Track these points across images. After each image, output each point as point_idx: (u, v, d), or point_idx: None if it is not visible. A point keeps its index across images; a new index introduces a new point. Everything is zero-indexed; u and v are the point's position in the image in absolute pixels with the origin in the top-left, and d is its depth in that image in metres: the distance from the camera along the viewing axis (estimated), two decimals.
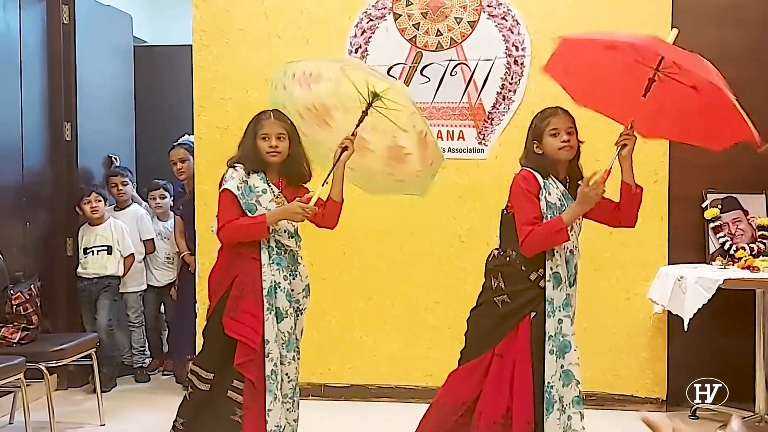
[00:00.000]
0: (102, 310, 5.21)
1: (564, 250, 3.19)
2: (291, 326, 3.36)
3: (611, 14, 4.67)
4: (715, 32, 4.67)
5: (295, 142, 3.41)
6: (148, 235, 5.53)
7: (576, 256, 3.25)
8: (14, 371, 3.86)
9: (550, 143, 3.18)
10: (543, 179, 3.19)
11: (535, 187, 3.16)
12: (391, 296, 4.86)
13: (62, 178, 5.24)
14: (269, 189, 3.37)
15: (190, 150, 5.28)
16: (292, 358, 3.39)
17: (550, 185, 3.19)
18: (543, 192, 3.16)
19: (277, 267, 3.34)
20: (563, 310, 3.17)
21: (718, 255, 4.50)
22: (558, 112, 3.22)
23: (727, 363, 4.53)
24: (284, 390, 3.36)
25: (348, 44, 4.84)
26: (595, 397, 4.70)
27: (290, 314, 3.36)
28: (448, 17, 4.79)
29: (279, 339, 3.33)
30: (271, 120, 3.38)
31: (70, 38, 5.23)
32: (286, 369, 3.37)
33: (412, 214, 4.77)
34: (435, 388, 4.64)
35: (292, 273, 3.42)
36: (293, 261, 3.43)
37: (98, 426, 4.47)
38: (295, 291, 3.43)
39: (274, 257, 3.35)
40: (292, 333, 3.37)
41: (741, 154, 4.69)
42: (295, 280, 3.44)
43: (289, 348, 3.36)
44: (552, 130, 3.18)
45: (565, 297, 3.18)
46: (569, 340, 3.18)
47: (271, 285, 3.32)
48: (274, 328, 3.30)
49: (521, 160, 3.29)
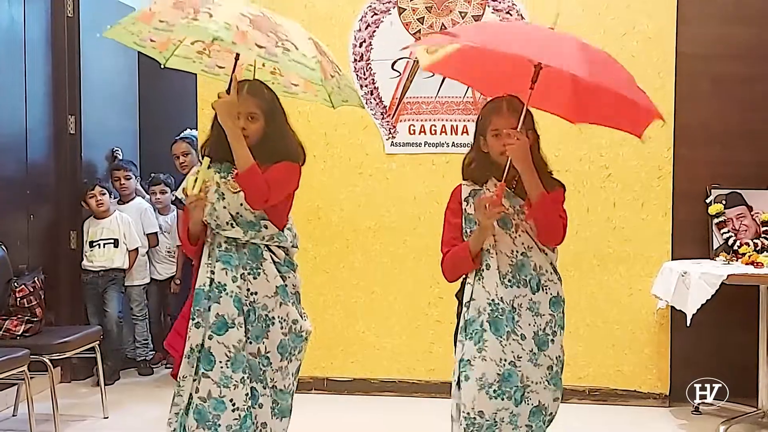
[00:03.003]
0: (111, 302, 5.23)
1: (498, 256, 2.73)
2: (239, 339, 2.73)
3: (616, 8, 4.65)
4: (720, 28, 4.66)
5: (271, 120, 2.81)
6: (151, 228, 5.55)
7: (532, 257, 2.75)
8: (18, 364, 3.86)
9: (492, 144, 2.73)
10: (476, 187, 2.79)
11: (456, 202, 2.80)
12: (394, 290, 4.86)
13: (66, 171, 5.24)
14: (222, 182, 2.83)
15: (193, 144, 5.31)
16: (240, 380, 2.71)
17: (484, 193, 2.76)
18: (465, 206, 2.77)
19: (224, 267, 2.76)
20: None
21: (722, 251, 4.49)
22: (502, 109, 2.71)
23: (730, 359, 4.53)
24: (224, 419, 2.71)
25: (352, 38, 4.84)
26: (598, 393, 4.70)
27: (240, 325, 2.73)
28: (452, 11, 4.78)
29: (219, 354, 2.72)
30: (243, 95, 2.77)
31: (74, 31, 5.23)
32: (230, 393, 2.71)
33: (415, 208, 4.77)
34: (437, 383, 4.68)
35: (251, 272, 2.80)
36: (254, 257, 2.80)
37: (102, 419, 4.48)
38: (259, 294, 2.79)
39: (221, 255, 2.78)
40: (240, 348, 2.72)
41: (745, 150, 4.72)
42: (257, 281, 2.79)
43: (235, 367, 2.71)
44: (493, 131, 2.71)
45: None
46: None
47: (204, 287, 2.77)
48: (197, 339, 2.75)
49: (465, 159, 2.86)
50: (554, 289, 2.77)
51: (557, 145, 4.64)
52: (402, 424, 4.41)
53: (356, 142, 4.87)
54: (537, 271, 2.74)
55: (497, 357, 2.64)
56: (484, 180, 2.78)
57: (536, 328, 2.71)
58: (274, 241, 2.84)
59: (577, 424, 4.39)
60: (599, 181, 4.69)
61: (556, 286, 2.78)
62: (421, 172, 4.79)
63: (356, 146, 4.87)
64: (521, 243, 2.73)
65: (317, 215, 4.86)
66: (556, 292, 2.77)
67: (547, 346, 2.73)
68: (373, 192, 4.88)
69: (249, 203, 2.76)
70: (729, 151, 4.69)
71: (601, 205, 4.70)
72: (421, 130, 4.82)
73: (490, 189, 2.73)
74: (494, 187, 2.71)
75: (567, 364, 4.92)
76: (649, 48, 4.64)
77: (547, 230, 2.71)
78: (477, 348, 2.65)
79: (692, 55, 4.65)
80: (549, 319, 2.74)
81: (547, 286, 2.75)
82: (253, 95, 2.79)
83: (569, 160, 4.65)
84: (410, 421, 4.44)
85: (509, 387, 2.64)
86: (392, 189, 4.85)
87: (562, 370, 2.81)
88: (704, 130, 4.68)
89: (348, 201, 4.90)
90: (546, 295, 2.74)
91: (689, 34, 4.66)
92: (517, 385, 2.65)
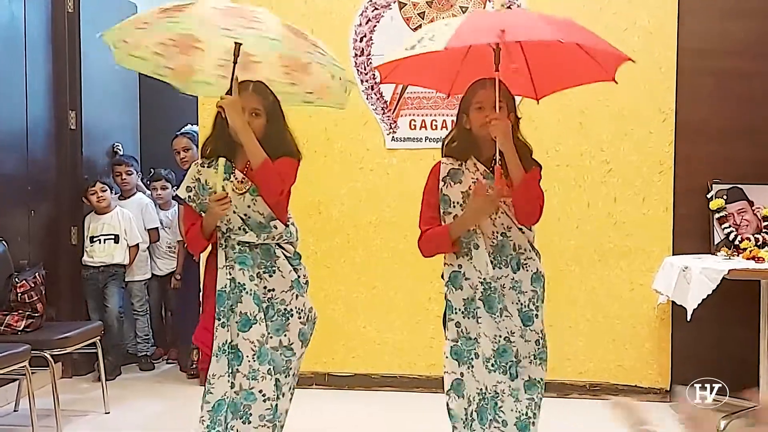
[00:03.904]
0: (112, 297, 5.24)
1: (481, 237, 2.84)
2: (262, 334, 2.91)
3: (617, 3, 4.65)
4: (721, 23, 4.65)
5: (273, 119, 2.96)
6: (152, 224, 5.55)
7: (511, 237, 2.85)
8: (19, 359, 3.87)
9: (474, 118, 2.84)
10: (455, 165, 2.89)
11: (435, 181, 2.91)
12: (395, 286, 4.87)
13: (67, 167, 5.24)
14: (228, 179, 2.93)
15: (194, 139, 5.31)
16: (267, 372, 2.90)
17: (463, 172, 2.88)
18: (442, 186, 2.89)
19: (241, 267, 2.91)
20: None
21: (723, 246, 4.49)
22: (486, 85, 2.80)
23: (731, 354, 4.53)
24: (256, 410, 2.91)
25: (352, 33, 4.84)
26: (599, 388, 4.71)
27: (261, 320, 2.91)
28: (453, 6, 4.77)
29: (246, 350, 2.91)
30: (249, 92, 2.93)
31: (74, 27, 5.23)
32: (259, 385, 2.90)
33: (416, 203, 4.74)
34: (438, 378, 4.66)
35: (266, 270, 2.96)
36: (267, 256, 2.96)
37: (103, 414, 4.48)
38: (276, 290, 2.97)
39: (237, 256, 2.92)
40: (263, 342, 2.91)
41: (747, 145, 4.72)
42: (273, 278, 2.96)
43: (261, 360, 2.90)
44: (477, 104, 2.83)
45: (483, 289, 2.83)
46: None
47: (225, 288, 2.92)
48: (223, 337, 2.91)
49: (446, 137, 2.99)
50: (533, 266, 2.87)
51: (558, 139, 4.64)
52: (403, 420, 4.42)
53: (357, 137, 4.86)
54: (516, 250, 2.85)
55: (492, 333, 2.78)
56: (464, 157, 2.89)
57: (520, 306, 2.83)
58: (284, 239, 3.00)
59: (577, 419, 4.39)
60: (600, 176, 4.69)
61: (535, 263, 2.88)
62: (421, 168, 4.74)
63: (357, 141, 4.87)
64: (501, 224, 2.84)
65: (318, 210, 4.86)
66: (536, 268, 2.87)
67: (532, 321, 2.85)
68: (374, 187, 4.88)
69: (265, 196, 2.90)
70: (730, 146, 4.69)
71: (602, 200, 4.70)
72: (422, 125, 4.82)
73: (470, 168, 2.85)
74: (474, 165, 2.85)
75: (567, 359, 4.96)
76: (650, 43, 4.63)
77: (525, 210, 2.81)
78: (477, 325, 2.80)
79: (693, 50, 4.64)
80: (531, 295, 2.85)
81: (527, 264, 2.86)
82: (257, 93, 2.94)
83: (570, 155, 4.65)
84: (411, 417, 4.44)
85: (504, 361, 2.78)
86: (393, 184, 4.85)
87: (546, 342, 2.90)
88: (705, 125, 4.68)
89: (349, 196, 4.90)
90: (527, 273, 2.86)
91: (690, 29, 4.65)
92: (512, 360, 2.79)
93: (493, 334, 2.79)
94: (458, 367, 2.87)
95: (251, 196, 2.93)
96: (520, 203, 2.79)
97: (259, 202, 2.94)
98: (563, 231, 4.69)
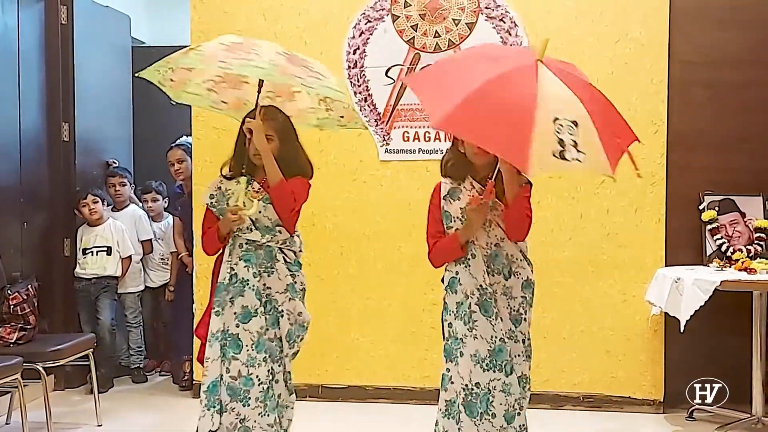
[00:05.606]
0: (104, 309, 5.22)
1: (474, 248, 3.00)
2: (261, 326, 3.20)
3: (609, 16, 4.67)
4: (713, 34, 4.68)
5: (286, 140, 3.23)
6: (145, 235, 5.54)
7: (504, 248, 2.99)
8: (11, 371, 3.85)
9: (468, 144, 2.96)
10: (454, 185, 3.04)
11: (438, 198, 3.08)
12: (388, 297, 4.86)
13: (60, 179, 5.23)
14: (247, 191, 3.22)
15: (188, 151, 5.29)
16: (263, 359, 3.20)
17: (461, 191, 3.03)
18: (443, 203, 3.06)
19: (245, 264, 3.20)
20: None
21: (716, 257, 4.50)
22: None
23: (724, 365, 4.53)
24: (253, 393, 3.20)
25: (346, 45, 4.85)
26: (593, 399, 4.71)
27: (261, 314, 3.20)
28: (446, 19, 4.79)
29: (246, 339, 3.19)
30: (261, 117, 3.19)
31: (68, 39, 5.23)
32: (256, 371, 3.20)
33: (410, 214, 4.77)
34: (432, 390, 4.65)
35: (267, 270, 3.22)
36: (269, 257, 3.23)
37: (95, 426, 4.46)
38: (272, 289, 3.24)
39: (242, 254, 3.21)
40: (262, 333, 3.20)
41: (738, 156, 4.74)
42: (271, 278, 3.23)
43: (258, 349, 3.20)
44: None
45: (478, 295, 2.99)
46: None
47: (225, 281, 3.21)
48: (217, 325, 3.19)
49: (443, 158, 3.11)
50: (524, 274, 3.04)
51: None
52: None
53: (350, 149, 4.87)
54: (509, 259, 3.02)
55: (488, 335, 2.97)
56: (461, 178, 3.06)
57: (510, 309, 3.01)
58: (286, 245, 3.27)
59: (571, 431, 4.39)
60: (593, 188, 4.70)
61: (525, 271, 3.04)
62: (415, 179, 4.79)
63: (350, 153, 4.88)
64: (494, 235, 3.01)
65: (311, 222, 4.85)
66: (526, 276, 3.04)
67: (520, 323, 3.02)
68: (368, 199, 4.88)
69: (279, 212, 3.19)
70: (722, 158, 4.71)
71: (595, 211, 4.71)
72: (415, 137, 4.83)
73: (467, 187, 3.02)
74: (470, 185, 3.02)
75: (561, 371, 4.96)
76: (642, 54, 4.65)
77: (514, 227, 2.98)
78: (468, 327, 2.98)
79: (685, 61, 4.67)
80: (521, 300, 3.03)
81: (518, 272, 3.03)
82: (269, 119, 3.20)
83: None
84: (405, 429, 4.44)
85: (500, 360, 2.96)
86: (386, 196, 4.85)
87: (530, 342, 3.08)
88: (697, 136, 4.70)
89: (342, 208, 4.90)
90: (518, 280, 3.03)
91: (682, 40, 4.67)
92: (506, 359, 2.97)
93: (489, 335, 2.96)
94: (445, 363, 3.06)
95: (263, 203, 3.20)
96: (510, 220, 2.95)
97: (269, 209, 3.21)
98: (557, 242, 4.70)
